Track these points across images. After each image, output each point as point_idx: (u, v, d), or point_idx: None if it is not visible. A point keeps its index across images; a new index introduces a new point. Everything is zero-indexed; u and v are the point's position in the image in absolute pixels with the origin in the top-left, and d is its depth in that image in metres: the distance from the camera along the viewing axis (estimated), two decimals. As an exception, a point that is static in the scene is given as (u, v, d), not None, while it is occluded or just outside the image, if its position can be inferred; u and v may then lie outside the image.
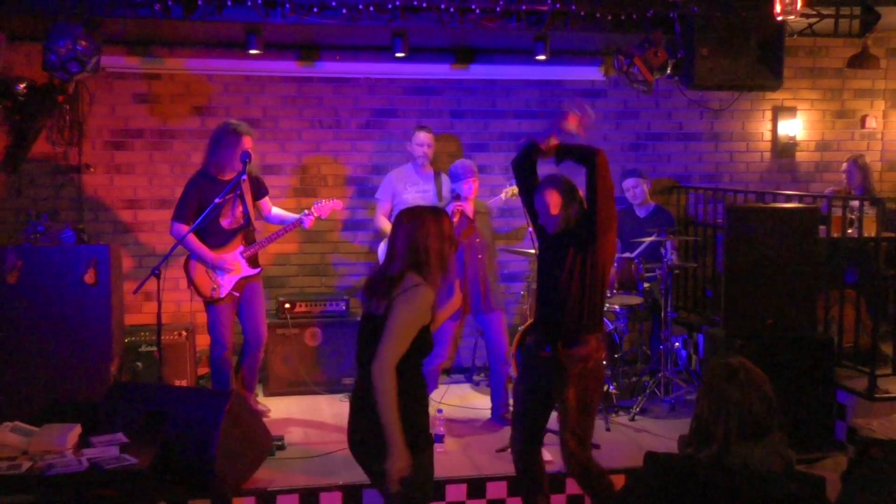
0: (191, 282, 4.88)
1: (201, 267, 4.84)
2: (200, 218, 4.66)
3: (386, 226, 5.66)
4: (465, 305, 5.09)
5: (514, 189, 5.40)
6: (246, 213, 4.87)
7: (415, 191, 5.61)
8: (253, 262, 4.95)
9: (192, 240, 4.74)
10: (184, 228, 4.74)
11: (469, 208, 5.05)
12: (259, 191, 5.06)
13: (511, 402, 5.24)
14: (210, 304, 4.88)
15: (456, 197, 5.06)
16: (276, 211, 5.15)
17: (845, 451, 4.63)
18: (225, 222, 4.84)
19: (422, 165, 5.65)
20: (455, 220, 4.90)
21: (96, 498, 3.70)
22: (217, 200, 4.65)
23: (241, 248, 4.89)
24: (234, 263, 4.86)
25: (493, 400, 5.24)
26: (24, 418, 3.90)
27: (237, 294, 4.88)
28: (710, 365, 2.63)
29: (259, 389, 5.76)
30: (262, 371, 5.73)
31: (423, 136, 5.58)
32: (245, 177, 4.73)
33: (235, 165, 4.76)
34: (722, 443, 2.48)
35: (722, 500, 2.45)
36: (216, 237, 4.81)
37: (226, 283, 4.85)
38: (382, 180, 5.79)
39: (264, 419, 4.64)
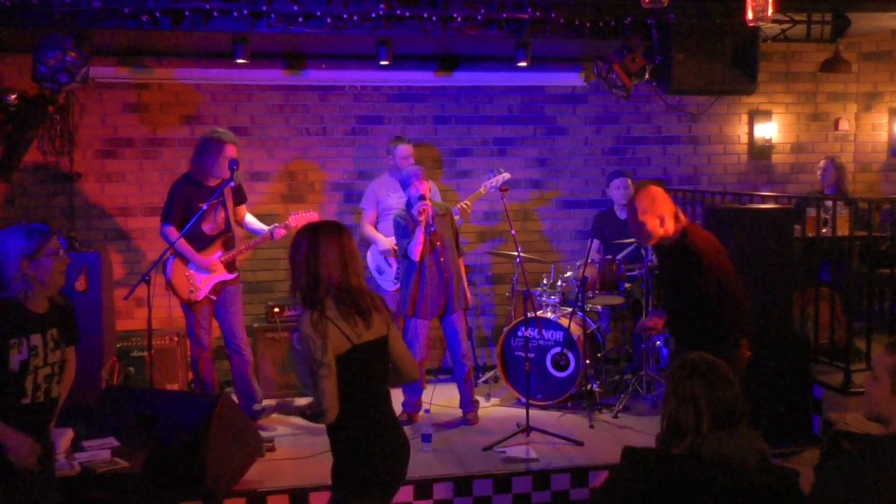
0: (168, 284, 4.93)
1: (180, 270, 4.91)
2: (190, 223, 4.72)
3: (372, 233, 5.74)
4: (426, 308, 5.08)
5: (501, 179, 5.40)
6: (227, 218, 4.96)
7: (396, 197, 5.64)
8: (230, 266, 5.01)
9: (183, 243, 4.82)
10: (172, 231, 4.82)
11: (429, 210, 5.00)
12: (240, 198, 5.12)
13: (476, 400, 5.33)
14: (187, 306, 4.95)
15: (420, 198, 4.99)
16: (248, 219, 5.19)
17: (821, 445, 4.66)
18: (207, 227, 4.91)
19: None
20: (422, 219, 4.92)
21: (88, 501, 3.71)
22: (205, 207, 4.72)
23: (220, 253, 4.96)
24: (216, 265, 4.94)
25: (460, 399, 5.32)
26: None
27: (214, 297, 4.95)
28: (671, 366, 2.70)
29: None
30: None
31: (405, 149, 5.62)
32: (233, 183, 4.81)
33: (219, 172, 4.84)
34: (695, 434, 2.54)
35: (698, 492, 2.52)
36: (198, 241, 4.88)
37: (203, 287, 4.92)
38: (366, 189, 5.86)
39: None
